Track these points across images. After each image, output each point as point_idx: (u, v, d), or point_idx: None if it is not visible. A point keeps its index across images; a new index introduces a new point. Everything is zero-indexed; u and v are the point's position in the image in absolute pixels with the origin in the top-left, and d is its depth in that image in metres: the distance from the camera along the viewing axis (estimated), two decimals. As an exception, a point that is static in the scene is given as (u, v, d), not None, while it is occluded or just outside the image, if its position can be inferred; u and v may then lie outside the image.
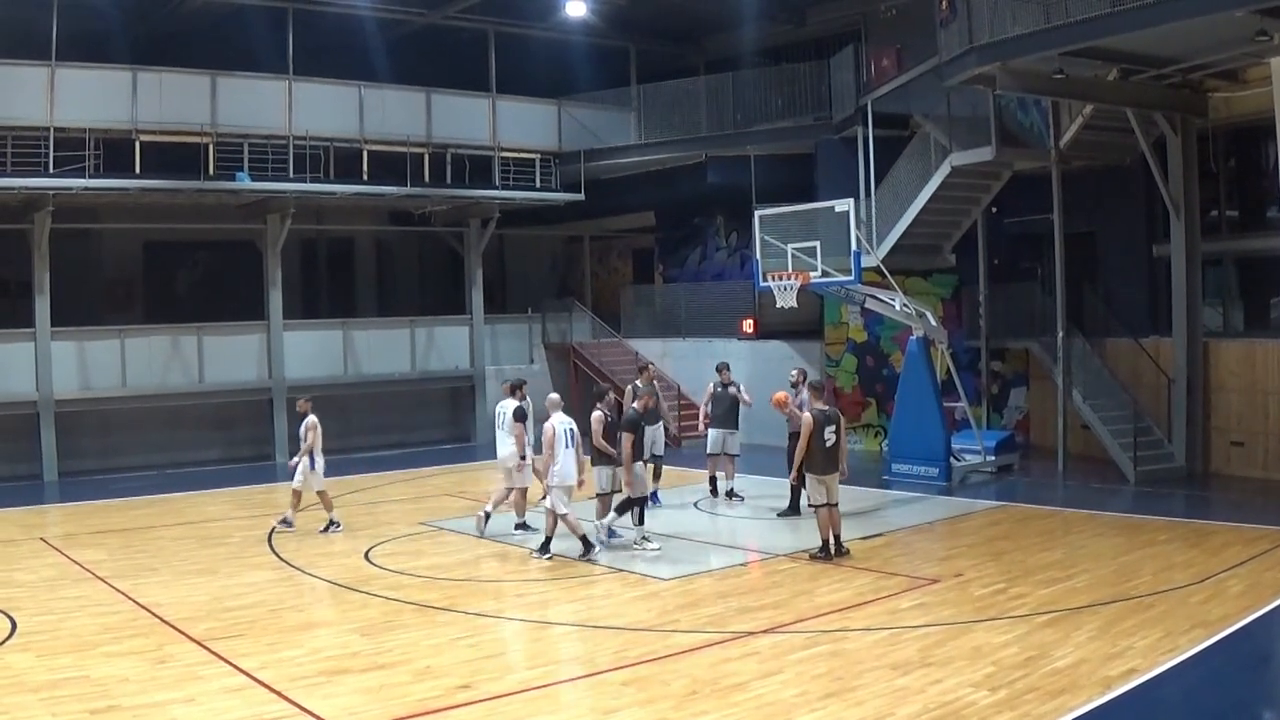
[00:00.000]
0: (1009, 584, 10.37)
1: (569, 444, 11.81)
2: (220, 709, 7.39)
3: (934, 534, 13.35)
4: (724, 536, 13.62)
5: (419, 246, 27.14)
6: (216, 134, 19.59)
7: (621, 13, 22.86)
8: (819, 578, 10.95)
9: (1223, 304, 17.80)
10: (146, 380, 19.96)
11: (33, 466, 18.90)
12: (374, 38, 21.83)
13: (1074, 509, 14.35)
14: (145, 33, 20.74)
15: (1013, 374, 20.42)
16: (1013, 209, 19.83)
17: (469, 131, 22.75)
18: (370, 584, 11.00)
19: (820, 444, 11.51)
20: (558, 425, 11.81)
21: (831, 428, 11.56)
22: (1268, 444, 16.27)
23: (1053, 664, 7.93)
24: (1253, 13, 12.21)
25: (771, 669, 8.09)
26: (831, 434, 11.55)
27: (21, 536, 13.84)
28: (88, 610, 10.02)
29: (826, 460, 11.57)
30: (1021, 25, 14.20)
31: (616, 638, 9.03)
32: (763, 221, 17.32)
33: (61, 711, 7.34)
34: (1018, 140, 18.20)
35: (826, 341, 21.08)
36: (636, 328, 25.25)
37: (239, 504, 16.30)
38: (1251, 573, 10.48)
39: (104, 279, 22.76)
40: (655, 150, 23.71)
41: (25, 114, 17.99)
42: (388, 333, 23.19)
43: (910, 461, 16.87)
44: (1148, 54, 14.80)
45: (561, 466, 11.76)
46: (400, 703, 7.49)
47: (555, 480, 11.77)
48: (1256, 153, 17.23)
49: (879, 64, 19.53)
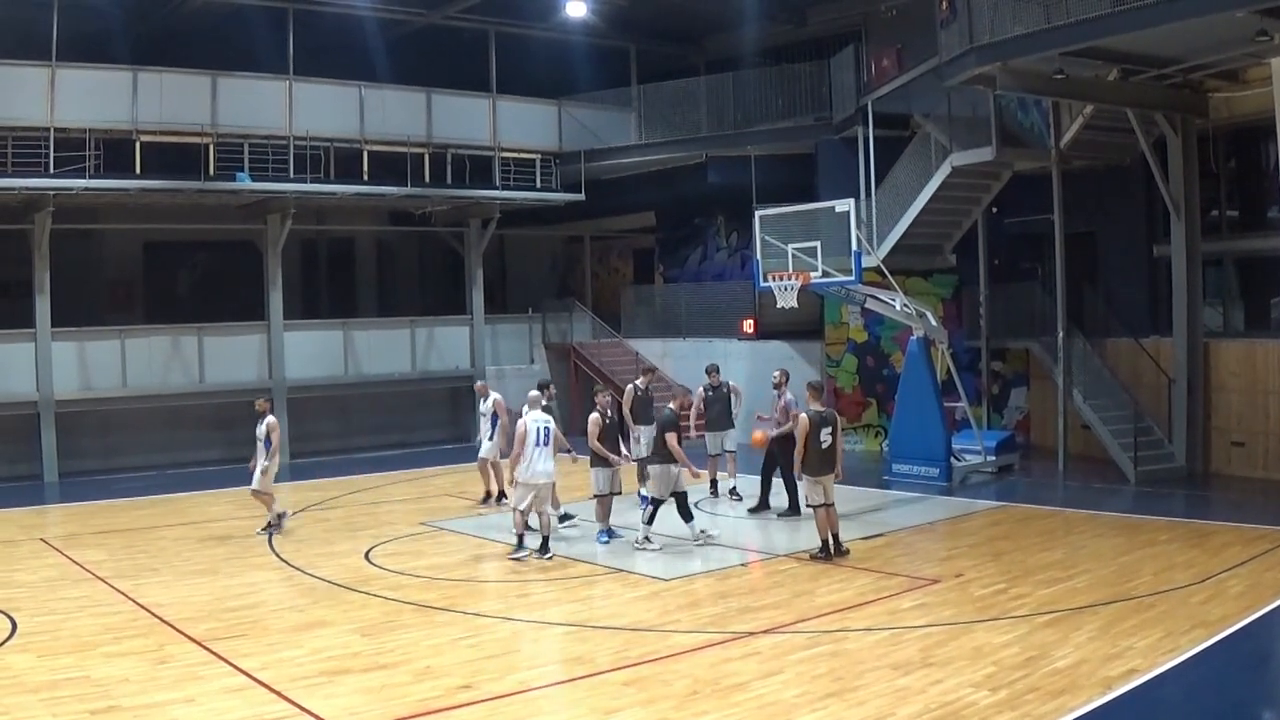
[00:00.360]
0: (1009, 584, 10.37)
1: (541, 442, 11.81)
2: (221, 709, 7.39)
3: (934, 534, 13.35)
4: (724, 536, 13.59)
5: (419, 247, 27.14)
6: (217, 134, 19.59)
7: (622, 13, 22.86)
8: (819, 578, 10.95)
9: (1223, 304, 17.80)
10: (147, 380, 19.96)
11: (33, 467, 18.91)
12: (374, 38, 21.81)
13: (1074, 509, 14.35)
14: (145, 33, 20.74)
15: (1013, 374, 20.43)
16: (1013, 209, 19.84)
17: (469, 131, 22.75)
18: (371, 584, 11.00)
19: (816, 445, 11.51)
20: (530, 422, 11.87)
21: (828, 429, 11.57)
22: (1268, 444, 16.26)
23: (1053, 664, 7.93)
24: (1253, 13, 12.22)
25: (772, 669, 8.09)
26: (828, 435, 11.56)
27: (22, 537, 13.85)
28: (88, 611, 10.03)
29: (822, 461, 11.57)
30: (1022, 25, 14.20)
31: (617, 638, 9.03)
32: (763, 222, 17.32)
33: (62, 712, 7.34)
34: (1018, 140, 18.21)
35: (827, 342, 21.08)
36: (637, 328, 25.26)
37: (240, 504, 16.26)
38: (1252, 573, 10.48)
39: (104, 279, 22.76)
40: (656, 150, 23.71)
41: (25, 114, 17.99)
42: (388, 333, 23.19)
43: (911, 462, 16.87)
44: (1148, 54, 14.80)
45: (530, 464, 11.77)
46: (401, 703, 7.49)
47: (523, 477, 11.80)
48: (1257, 153, 17.23)
49: (879, 64, 19.53)
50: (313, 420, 21.87)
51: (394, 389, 22.94)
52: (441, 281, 27.21)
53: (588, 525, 13.23)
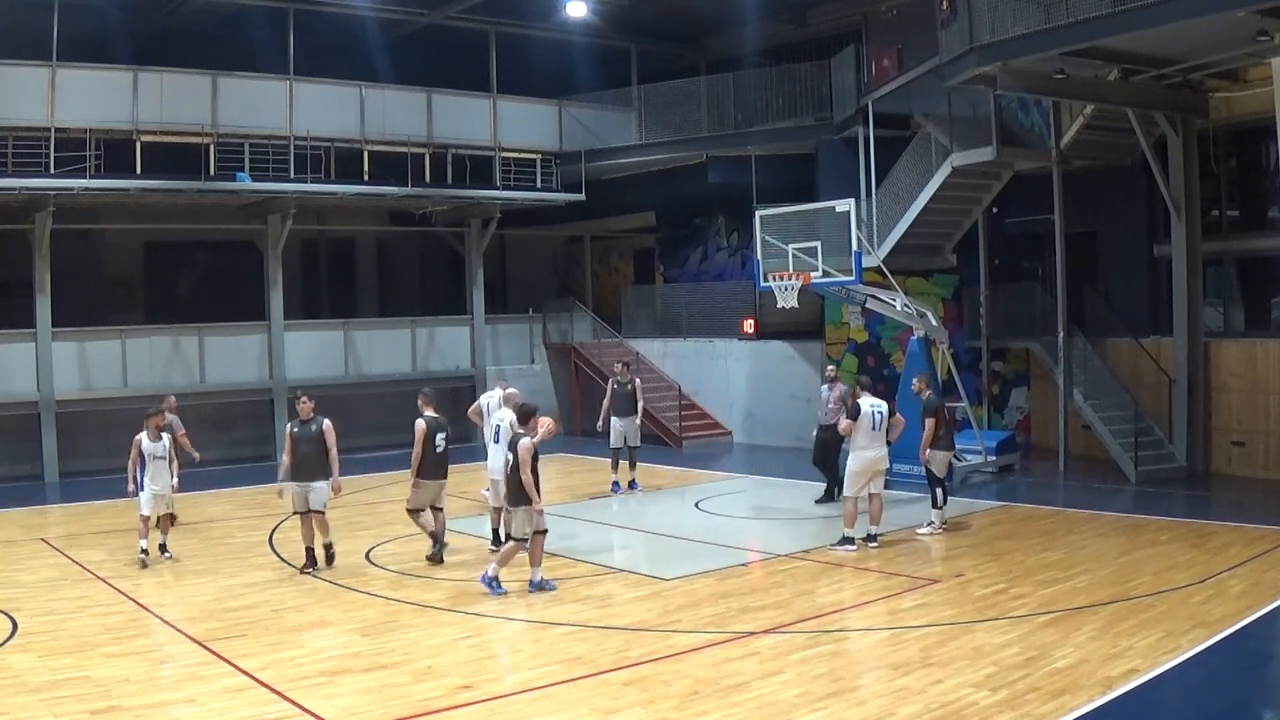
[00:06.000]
0: (1010, 584, 10.37)
1: (495, 439, 12.16)
2: (221, 709, 7.39)
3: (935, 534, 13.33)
4: (724, 537, 13.61)
5: (420, 247, 27.14)
6: (217, 134, 19.60)
7: (622, 13, 22.87)
8: (820, 577, 10.96)
9: (1223, 304, 17.80)
10: (147, 380, 19.96)
11: (34, 467, 18.93)
12: (375, 38, 21.84)
13: (1075, 509, 14.35)
14: (145, 33, 20.74)
15: (1013, 374, 20.43)
16: (1013, 209, 19.84)
17: (470, 132, 22.76)
18: (371, 584, 11.00)
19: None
20: (492, 420, 12.38)
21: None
22: (1268, 444, 16.27)
23: (1053, 664, 7.93)
24: (1253, 13, 12.22)
25: (772, 669, 8.09)
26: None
27: (23, 537, 13.86)
28: (89, 611, 10.03)
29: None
30: (1022, 25, 14.21)
31: (617, 638, 9.03)
32: (764, 222, 17.32)
33: (62, 712, 7.34)
34: (1018, 140, 18.22)
35: (827, 342, 21.08)
36: (637, 328, 25.26)
37: (240, 504, 16.30)
38: (1252, 573, 10.48)
39: (105, 279, 22.77)
40: (656, 150, 23.71)
41: (26, 114, 18.01)
42: (388, 333, 23.21)
43: (911, 462, 16.80)
44: (1148, 54, 14.80)
45: (489, 459, 12.29)
46: (401, 703, 7.49)
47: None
48: (1257, 153, 17.23)
49: (880, 64, 19.53)
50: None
51: (394, 389, 22.92)
52: (442, 281, 27.22)
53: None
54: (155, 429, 11.99)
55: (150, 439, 11.92)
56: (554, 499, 15.96)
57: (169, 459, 12.02)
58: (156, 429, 12.01)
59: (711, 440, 22.49)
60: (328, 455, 11.37)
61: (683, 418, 22.49)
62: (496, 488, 12.22)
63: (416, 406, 12.09)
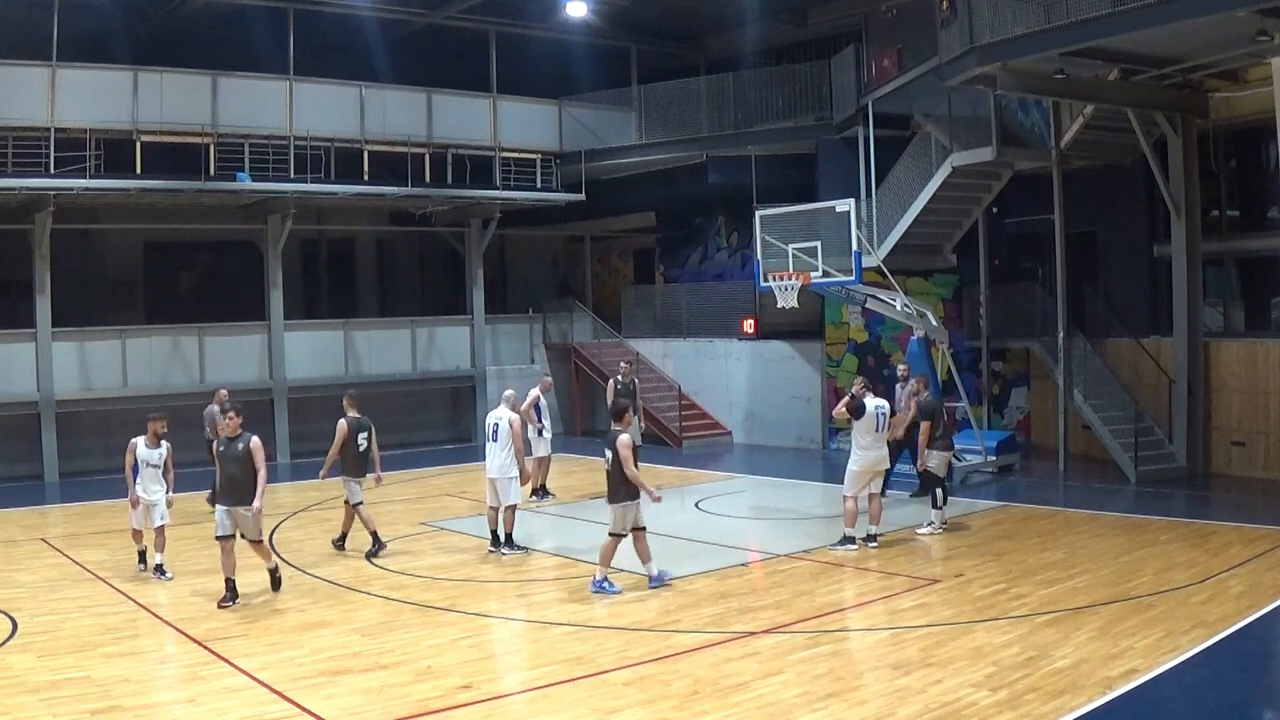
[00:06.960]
0: (1010, 584, 10.37)
1: (493, 437, 12.35)
2: (221, 709, 7.39)
3: (935, 534, 13.33)
4: (724, 536, 13.61)
5: (420, 247, 27.15)
6: (217, 134, 19.60)
7: (622, 13, 22.86)
8: (819, 577, 10.96)
9: (1223, 304, 17.80)
10: (147, 380, 19.97)
11: (34, 467, 18.92)
12: (375, 38, 21.84)
13: (1075, 509, 14.35)
14: (145, 33, 20.76)
15: (1013, 374, 20.43)
16: (1013, 209, 19.83)
17: (470, 132, 22.75)
18: (371, 584, 11.00)
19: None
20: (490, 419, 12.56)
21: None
22: (1269, 444, 16.27)
23: (1053, 664, 7.93)
24: (1253, 13, 12.22)
25: (772, 669, 8.09)
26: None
27: (23, 537, 13.86)
28: (89, 611, 10.03)
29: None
30: (1022, 25, 14.20)
31: (617, 638, 9.03)
32: (764, 222, 17.31)
33: (62, 712, 7.34)
34: (1018, 140, 18.21)
35: (827, 342, 21.07)
36: (637, 328, 25.26)
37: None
38: (1252, 573, 10.48)
39: (105, 279, 22.77)
40: (656, 150, 23.71)
41: (26, 114, 18.00)
42: (388, 333, 23.20)
43: (911, 461, 16.84)
44: (1148, 54, 14.80)
45: (487, 460, 12.44)
46: (401, 703, 7.49)
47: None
48: (1257, 153, 17.24)
49: (880, 64, 19.52)
50: (313, 420, 21.82)
51: (394, 389, 22.94)
52: (442, 281, 27.22)
53: None
54: (154, 435, 11.41)
55: (147, 445, 11.34)
56: (554, 499, 16.01)
57: (164, 469, 11.39)
58: (155, 435, 11.41)
59: (711, 440, 22.50)
60: (255, 476, 10.23)
61: (683, 418, 22.49)
62: (494, 487, 12.25)
63: (341, 407, 12.66)
